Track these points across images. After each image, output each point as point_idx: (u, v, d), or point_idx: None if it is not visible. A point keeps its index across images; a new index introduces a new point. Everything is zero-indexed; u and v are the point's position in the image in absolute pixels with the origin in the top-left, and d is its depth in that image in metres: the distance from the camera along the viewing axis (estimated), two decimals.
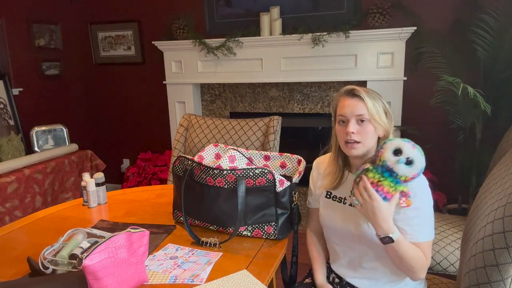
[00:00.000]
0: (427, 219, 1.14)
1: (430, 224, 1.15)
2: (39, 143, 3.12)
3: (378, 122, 1.15)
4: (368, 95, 1.16)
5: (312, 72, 2.97)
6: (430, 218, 1.15)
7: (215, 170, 1.29)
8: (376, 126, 1.15)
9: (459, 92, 2.14)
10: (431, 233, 1.15)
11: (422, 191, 1.13)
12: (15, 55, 3.24)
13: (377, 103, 1.16)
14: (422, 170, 1.07)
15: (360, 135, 1.15)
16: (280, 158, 1.48)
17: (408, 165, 1.05)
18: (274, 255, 1.23)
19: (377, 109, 1.15)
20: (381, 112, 1.16)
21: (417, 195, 1.11)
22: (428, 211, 1.14)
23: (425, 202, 1.14)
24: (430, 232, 1.15)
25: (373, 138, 1.17)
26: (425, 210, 1.14)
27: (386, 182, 1.05)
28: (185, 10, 3.33)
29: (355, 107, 1.15)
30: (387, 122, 1.17)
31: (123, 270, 1.02)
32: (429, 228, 1.15)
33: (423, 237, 1.13)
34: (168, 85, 3.44)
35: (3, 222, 2.44)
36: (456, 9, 2.69)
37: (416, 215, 1.12)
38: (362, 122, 1.14)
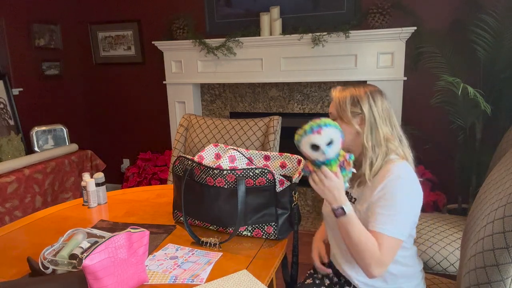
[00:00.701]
0: (394, 214, 1.09)
1: (397, 221, 1.09)
2: (39, 143, 3.12)
3: (344, 121, 1.18)
4: (338, 95, 1.21)
5: (312, 72, 2.98)
6: (400, 215, 1.09)
7: (215, 170, 1.29)
8: (345, 124, 1.18)
9: (459, 92, 2.14)
10: (395, 231, 1.08)
11: (399, 187, 1.10)
12: (15, 55, 3.24)
13: (344, 102, 1.18)
14: (341, 132, 1.08)
15: None
16: (280, 158, 1.48)
17: (329, 145, 1.06)
18: (274, 255, 1.23)
19: (342, 109, 1.18)
20: (348, 111, 1.17)
21: (392, 190, 1.09)
22: (398, 208, 1.09)
23: (398, 197, 1.09)
24: (393, 229, 1.08)
25: (349, 133, 1.18)
26: (395, 204, 1.09)
27: (333, 167, 1.09)
28: (185, 10, 3.33)
29: (330, 107, 1.24)
30: (353, 121, 1.17)
31: (123, 270, 1.02)
32: (394, 223, 1.08)
33: (383, 229, 1.08)
34: (168, 85, 3.44)
35: (3, 222, 2.44)
36: (456, 9, 2.69)
37: (383, 205, 1.09)
38: (334, 120, 1.18)
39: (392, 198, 1.09)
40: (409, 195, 1.11)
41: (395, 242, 1.09)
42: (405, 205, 1.10)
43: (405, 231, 1.10)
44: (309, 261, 1.48)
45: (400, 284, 1.22)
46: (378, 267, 1.07)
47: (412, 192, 1.12)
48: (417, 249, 1.28)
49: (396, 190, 1.10)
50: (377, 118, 1.17)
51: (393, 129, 1.20)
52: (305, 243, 1.39)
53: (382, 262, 1.07)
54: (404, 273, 1.21)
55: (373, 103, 1.18)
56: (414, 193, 1.13)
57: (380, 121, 1.18)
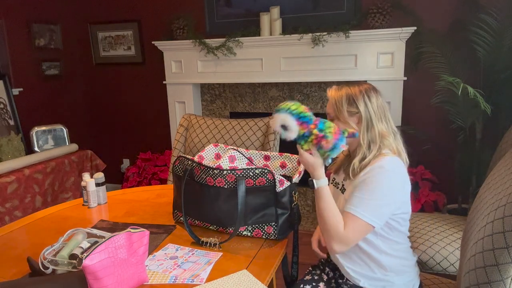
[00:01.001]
0: (368, 199, 1.12)
1: (370, 205, 1.12)
2: (39, 143, 3.12)
3: (341, 120, 1.21)
4: (334, 95, 1.23)
5: (312, 72, 2.98)
6: (374, 201, 1.12)
7: (215, 170, 1.29)
8: (342, 124, 1.21)
9: (459, 92, 2.14)
10: (364, 214, 1.11)
11: (380, 176, 1.13)
12: (15, 55, 3.24)
13: (340, 102, 1.21)
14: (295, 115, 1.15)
15: None
16: (280, 158, 1.48)
17: (284, 128, 1.15)
18: (274, 255, 1.23)
19: (338, 109, 1.21)
20: (344, 111, 1.20)
21: (372, 177, 1.13)
22: (374, 194, 1.12)
23: (376, 185, 1.13)
24: (363, 212, 1.11)
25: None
26: (371, 190, 1.13)
27: (304, 146, 1.18)
28: (185, 10, 3.33)
29: (327, 106, 1.27)
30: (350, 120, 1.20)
31: (123, 270, 1.02)
32: (365, 207, 1.11)
33: (353, 210, 1.12)
34: (168, 85, 3.44)
35: (3, 222, 2.44)
36: (456, 9, 2.69)
37: (360, 189, 1.14)
38: (332, 119, 1.24)
39: (370, 184, 1.13)
40: (389, 186, 1.14)
41: (363, 225, 1.12)
42: (381, 194, 1.13)
43: (378, 219, 1.13)
44: (309, 261, 1.48)
45: (391, 278, 1.22)
46: (338, 244, 1.13)
47: (392, 184, 1.14)
48: (410, 244, 1.29)
49: (376, 178, 1.13)
50: (372, 116, 1.20)
51: (388, 125, 1.23)
52: (305, 243, 1.39)
53: (343, 240, 1.12)
54: (394, 266, 1.22)
55: (368, 101, 1.20)
56: (395, 185, 1.15)
57: (375, 119, 1.20)
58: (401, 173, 1.16)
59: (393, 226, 1.19)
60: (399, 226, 1.20)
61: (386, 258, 1.21)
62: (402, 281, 1.23)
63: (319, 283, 1.34)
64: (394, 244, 1.22)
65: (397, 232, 1.21)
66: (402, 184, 1.16)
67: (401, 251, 1.24)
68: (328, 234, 1.15)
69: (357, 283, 1.24)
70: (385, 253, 1.21)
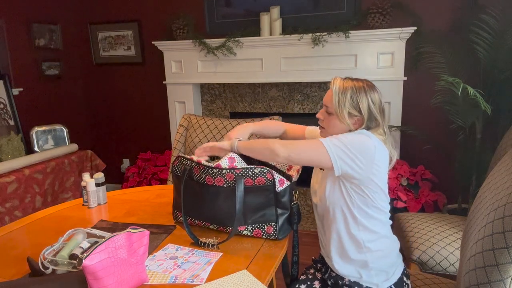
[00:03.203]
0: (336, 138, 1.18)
1: (334, 142, 1.17)
2: (39, 143, 3.12)
3: (339, 119, 1.23)
4: (339, 90, 1.23)
5: (312, 72, 2.98)
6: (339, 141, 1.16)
7: (214, 169, 1.29)
8: (339, 121, 1.23)
9: (459, 92, 2.14)
10: (328, 142, 1.17)
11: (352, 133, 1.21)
12: (15, 55, 3.24)
13: (344, 101, 1.21)
14: None
15: (324, 123, 1.29)
16: None
17: None
18: (274, 255, 1.23)
19: (340, 107, 1.22)
20: (345, 111, 1.21)
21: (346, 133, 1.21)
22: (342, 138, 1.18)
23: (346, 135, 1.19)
24: (327, 141, 1.17)
25: (337, 129, 1.25)
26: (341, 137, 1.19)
27: None
28: (185, 10, 3.33)
29: (327, 97, 1.27)
30: (349, 122, 1.22)
31: (123, 270, 1.02)
32: (330, 140, 1.18)
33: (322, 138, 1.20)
34: (168, 85, 3.44)
35: (3, 222, 2.44)
36: (456, 9, 2.69)
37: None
38: (329, 113, 1.26)
39: (342, 135, 1.20)
40: (359, 140, 1.17)
41: (318, 146, 1.17)
42: (349, 141, 1.16)
43: (337, 156, 1.15)
44: (309, 261, 1.48)
45: (368, 256, 1.23)
46: (279, 147, 1.21)
47: (363, 141, 1.18)
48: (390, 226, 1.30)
49: (348, 134, 1.21)
50: (373, 122, 1.23)
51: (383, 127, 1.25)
52: (305, 243, 1.40)
53: (286, 144, 1.21)
54: (371, 241, 1.23)
55: (372, 105, 1.22)
56: (366, 143, 1.17)
57: (373, 124, 1.24)
58: (375, 140, 1.19)
59: (369, 199, 1.21)
60: (376, 201, 1.22)
61: (364, 233, 1.23)
62: (380, 262, 1.24)
63: (314, 282, 1.35)
64: (373, 221, 1.24)
65: (375, 208, 1.23)
66: (374, 150, 1.17)
67: (379, 227, 1.25)
68: (268, 148, 1.23)
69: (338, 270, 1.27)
70: (364, 227, 1.23)
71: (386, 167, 1.22)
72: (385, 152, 1.22)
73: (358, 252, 1.24)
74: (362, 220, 1.23)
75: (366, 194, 1.20)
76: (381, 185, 1.22)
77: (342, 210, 1.24)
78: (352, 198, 1.21)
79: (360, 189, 1.20)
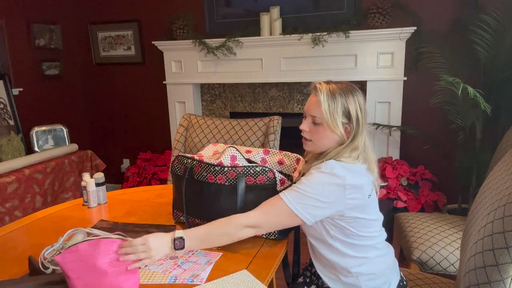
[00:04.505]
0: (299, 189, 1.10)
1: (299, 195, 1.09)
2: (39, 143, 3.12)
3: (330, 128, 1.13)
4: (328, 97, 1.12)
5: (312, 72, 2.97)
6: (303, 191, 1.09)
7: (216, 167, 1.29)
8: (329, 131, 1.14)
9: (459, 92, 2.15)
10: (290, 200, 1.09)
11: (316, 175, 1.11)
12: (15, 55, 3.24)
13: (335, 107, 1.12)
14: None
15: (311, 134, 1.18)
16: (279, 155, 1.48)
17: None
18: (274, 255, 1.23)
19: (332, 115, 1.12)
20: (337, 118, 1.12)
21: (309, 175, 1.12)
22: (305, 187, 1.10)
23: (311, 181, 1.10)
24: (290, 198, 1.10)
25: (326, 140, 1.16)
26: (305, 184, 1.10)
27: None
28: (185, 10, 3.33)
29: (311, 106, 1.16)
30: (342, 130, 1.14)
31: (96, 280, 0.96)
32: (293, 195, 1.10)
33: (282, 193, 1.12)
34: (168, 85, 3.44)
35: (3, 222, 2.44)
36: (456, 9, 2.69)
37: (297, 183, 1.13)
38: (315, 123, 1.15)
39: (306, 179, 1.11)
40: (322, 184, 1.09)
41: (284, 209, 1.09)
42: (312, 188, 1.09)
43: (306, 213, 1.09)
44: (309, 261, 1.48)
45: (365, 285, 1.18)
46: (244, 229, 1.11)
47: (326, 182, 1.09)
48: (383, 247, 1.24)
49: (313, 175, 1.11)
50: (360, 127, 1.15)
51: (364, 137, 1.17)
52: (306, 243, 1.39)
53: (248, 223, 1.11)
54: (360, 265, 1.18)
55: (360, 113, 1.15)
56: (331, 188, 1.09)
57: (360, 131, 1.15)
58: (343, 177, 1.09)
59: (348, 230, 1.14)
60: (359, 231, 1.15)
61: (346, 261, 1.17)
62: (373, 283, 1.19)
63: (311, 286, 1.33)
64: (361, 248, 1.17)
65: (359, 237, 1.16)
66: (343, 188, 1.09)
67: (369, 254, 1.19)
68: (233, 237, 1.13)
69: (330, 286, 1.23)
70: (349, 256, 1.17)
71: (364, 197, 1.12)
72: (361, 181, 1.11)
73: (347, 276, 1.19)
74: (345, 250, 1.16)
75: (343, 227, 1.14)
76: (361, 215, 1.13)
77: (322, 241, 1.19)
78: (329, 231, 1.15)
79: (336, 223, 1.14)
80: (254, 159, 1.48)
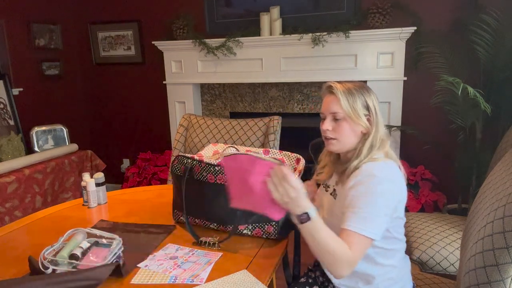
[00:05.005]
0: (363, 211, 1.06)
1: (367, 218, 1.05)
2: (39, 143, 3.12)
3: (353, 120, 1.14)
4: (345, 92, 1.15)
5: (312, 72, 2.97)
6: (371, 214, 1.06)
7: (216, 167, 1.29)
8: (353, 123, 1.15)
9: (459, 92, 2.15)
10: (363, 228, 1.04)
11: (372, 186, 1.08)
12: (15, 55, 3.24)
13: (354, 100, 1.14)
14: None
15: (335, 132, 1.17)
16: (279, 155, 1.48)
17: None
18: (274, 255, 1.23)
19: (352, 107, 1.14)
20: (358, 110, 1.14)
21: (365, 189, 1.07)
22: (370, 207, 1.06)
23: (370, 196, 1.07)
24: (362, 226, 1.04)
25: (351, 135, 1.16)
26: (367, 203, 1.06)
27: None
28: (185, 10, 3.33)
29: (330, 104, 1.17)
30: (366, 120, 1.15)
31: (246, 193, 1.04)
32: (363, 220, 1.05)
33: (352, 226, 1.05)
34: (168, 85, 3.44)
35: (3, 222, 2.44)
36: (456, 9, 2.69)
37: (355, 203, 1.07)
38: (337, 120, 1.16)
39: (364, 196, 1.07)
40: (382, 194, 1.07)
41: (364, 241, 1.05)
42: (377, 205, 1.07)
43: (377, 231, 1.06)
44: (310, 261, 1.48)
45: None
46: (348, 267, 1.03)
47: (385, 191, 1.08)
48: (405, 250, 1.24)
49: (369, 189, 1.08)
50: (379, 118, 1.17)
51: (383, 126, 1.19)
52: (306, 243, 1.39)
53: (352, 261, 1.03)
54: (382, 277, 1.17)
55: (376, 104, 1.18)
56: (388, 192, 1.09)
57: (380, 122, 1.17)
58: (395, 179, 1.11)
59: (387, 232, 1.13)
60: (394, 232, 1.16)
61: (377, 268, 1.16)
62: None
63: (313, 287, 1.33)
64: (390, 253, 1.17)
65: (393, 239, 1.17)
66: (396, 188, 1.11)
67: (395, 260, 1.19)
68: (335, 262, 1.03)
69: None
70: (380, 264, 1.16)
71: (403, 193, 1.14)
72: (401, 178, 1.13)
73: (369, 284, 1.18)
74: (376, 258, 1.15)
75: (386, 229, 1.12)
76: (400, 214, 1.15)
77: None
78: None
79: None
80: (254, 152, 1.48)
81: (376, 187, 1.08)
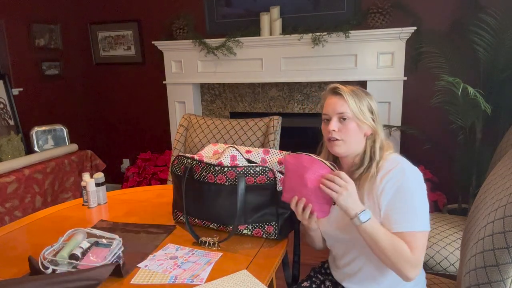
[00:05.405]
0: (410, 207, 1.07)
1: (416, 213, 1.06)
2: (39, 143, 3.12)
3: (361, 120, 1.15)
4: (351, 93, 1.16)
5: (312, 72, 2.97)
6: (417, 208, 1.07)
7: (216, 167, 1.29)
8: (360, 124, 1.15)
9: (459, 92, 2.14)
10: (420, 224, 1.05)
11: (409, 179, 1.09)
12: (15, 55, 3.24)
13: (360, 102, 1.15)
14: None
15: (341, 133, 1.16)
16: (279, 155, 1.48)
17: None
18: (274, 255, 1.23)
19: (359, 108, 1.15)
20: (365, 111, 1.15)
21: (402, 184, 1.08)
22: (416, 200, 1.08)
23: (411, 190, 1.08)
24: (414, 222, 1.05)
25: (357, 136, 1.16)
26: (412, 198, 1.08)
27: None
28: (185, 10, 3.33)
29: (336, 105, 1.17)
30: (372, 121, 1.16)
31: (298, 186, 1.10)
32: (414, 217, 1.06)
33: (405, 226, 1.05)
34: (168, 85, 3.44)
35: (3, 222, 2.44)
36: (456, 9, 2.69)
37: (399, 203, 1.07)
38: (344, 120, 1.15)
39: (404, 192, 1.08)
40: (418, 183, 1.11)
41: (422, 237, 1.06)
42: (419, 196, 1.09)
43: (426, 220, 1.08)
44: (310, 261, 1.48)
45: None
46: (414, 269, 1.03)
47: (419, 179, 1.12)
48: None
49: (407, 183, 1.09)
50: (380, 121, 1.20)
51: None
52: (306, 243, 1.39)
53: (416, 262, 1.04)
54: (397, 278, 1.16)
55: (377, 107, 1.20)
56: (420, 179, 1.12)
57: (381, 124, 1.20)
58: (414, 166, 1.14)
59: None
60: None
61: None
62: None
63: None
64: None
65: None
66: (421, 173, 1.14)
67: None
68: (398, 264, 1.03)
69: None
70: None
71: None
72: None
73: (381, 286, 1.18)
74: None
75: None
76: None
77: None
78: None
79: None
80: (254, 159, 1.48)
81: (409, 180, 1.10)
